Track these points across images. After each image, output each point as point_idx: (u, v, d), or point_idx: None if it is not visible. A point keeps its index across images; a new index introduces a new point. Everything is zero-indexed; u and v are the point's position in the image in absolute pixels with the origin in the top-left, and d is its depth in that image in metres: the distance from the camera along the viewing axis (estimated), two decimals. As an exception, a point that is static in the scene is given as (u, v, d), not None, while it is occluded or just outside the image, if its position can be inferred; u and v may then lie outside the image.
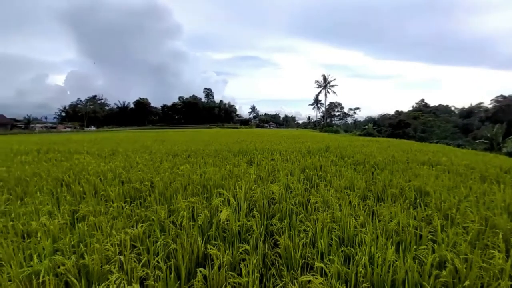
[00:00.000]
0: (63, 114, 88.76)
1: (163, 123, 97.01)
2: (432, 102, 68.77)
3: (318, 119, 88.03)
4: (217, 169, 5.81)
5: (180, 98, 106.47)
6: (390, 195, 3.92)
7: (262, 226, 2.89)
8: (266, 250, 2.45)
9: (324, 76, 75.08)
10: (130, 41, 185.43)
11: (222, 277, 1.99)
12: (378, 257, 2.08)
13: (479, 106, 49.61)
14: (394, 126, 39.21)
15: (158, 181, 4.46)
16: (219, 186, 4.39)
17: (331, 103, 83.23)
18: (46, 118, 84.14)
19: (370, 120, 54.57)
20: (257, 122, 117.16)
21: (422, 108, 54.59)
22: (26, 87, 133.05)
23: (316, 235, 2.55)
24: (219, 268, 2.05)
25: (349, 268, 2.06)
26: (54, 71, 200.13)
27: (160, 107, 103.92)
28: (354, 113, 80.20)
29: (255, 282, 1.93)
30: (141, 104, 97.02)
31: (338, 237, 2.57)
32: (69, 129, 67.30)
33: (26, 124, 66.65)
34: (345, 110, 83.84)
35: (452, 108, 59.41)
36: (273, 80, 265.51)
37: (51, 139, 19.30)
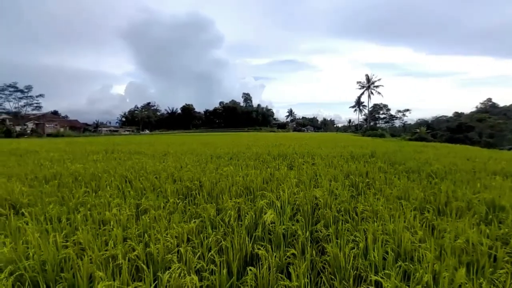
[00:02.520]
0: (123, 119, 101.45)
1: (205, 127, 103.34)
2: (502, 101, 58.03)
3: (360, 122, 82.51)
4: (258, 171, 5.93)
5: (220, 103, 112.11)
6: (454, 209, 3.47)
7: (307, 232, 2.85)
8: (314, 256, 2.41)
9: (367, 76, 70.24)
10: (178, 52, 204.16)
11: (272, 278, 2.03)
12: (444, 277, 1.87)
13: None
14: (453, 129, 34.44)
15: (205, 181, 4.77)
16: (261, 189, 4.48)
17: (375, 105, 76.99)
18: (110, 122, 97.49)
19: (423, 123, 48.78)
20: (294, 125, 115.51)
21: (489, 109, 46.77)
22: (95, 96, 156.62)
23: (368, 246, 2.41)
24: (268, 269, 2.10)
25: (408, 286, 1.90)
26: (117, 82, 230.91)
27: (203, 112, 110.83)
28: (403, 115, 72.24)
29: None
30: (187, 109, 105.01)
31: (393, 251, 2.38)
32: (127, 132, 76.94)
33: (95, 128, 78.61)
34: (392, 112, 76.36)
35: (530, 109, 49.32)
36: (311, 83, 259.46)
37: (114, 141, 22.24)
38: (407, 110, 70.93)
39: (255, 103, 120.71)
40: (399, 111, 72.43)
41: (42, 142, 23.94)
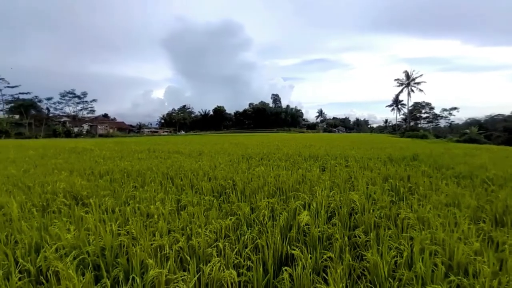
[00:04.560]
0: (162, 121, 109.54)
1: (235, 128, 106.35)
2: None
3: (398, 123, 76.47)
4: (289, 172, 5.91)
5: (250, 104, 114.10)
6: (517, 220, 3.05)
7: (345, 236, 2.77)
8: (352, 261, 2.33)
9: (406, 72, 64.87)
10: (210, 57, 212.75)
11: (308, 280, 2.02)
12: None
13: None
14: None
15: (238, 180, 4.91)
16: (293, 190, 4.47)
17: (416, 103, 70.22)
18: (151, 124, 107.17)
19: (474, 122, 42.97)
20: (325, 126, 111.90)
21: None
22: (138, 100, 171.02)
23: (413, 256, 2.25)
24: (302, 270, 2.10)
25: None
26: (156, 87, 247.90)
27: (233, 113, 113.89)
28: (449, 114, 64.08)
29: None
30: (218, 111, 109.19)
31: (443, 263, 2.19)
32: (166, 133, 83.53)
33: (138, 129, 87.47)
34: (436, 111, 68.55)
35: None
36: (343, 82, 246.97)
37: (155, 141, 24.14)
38: (455, 108, 62.96)
39: (284, 103, 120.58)
40: (445, 109, 64.74)
41: (95, 141, 26.96)
